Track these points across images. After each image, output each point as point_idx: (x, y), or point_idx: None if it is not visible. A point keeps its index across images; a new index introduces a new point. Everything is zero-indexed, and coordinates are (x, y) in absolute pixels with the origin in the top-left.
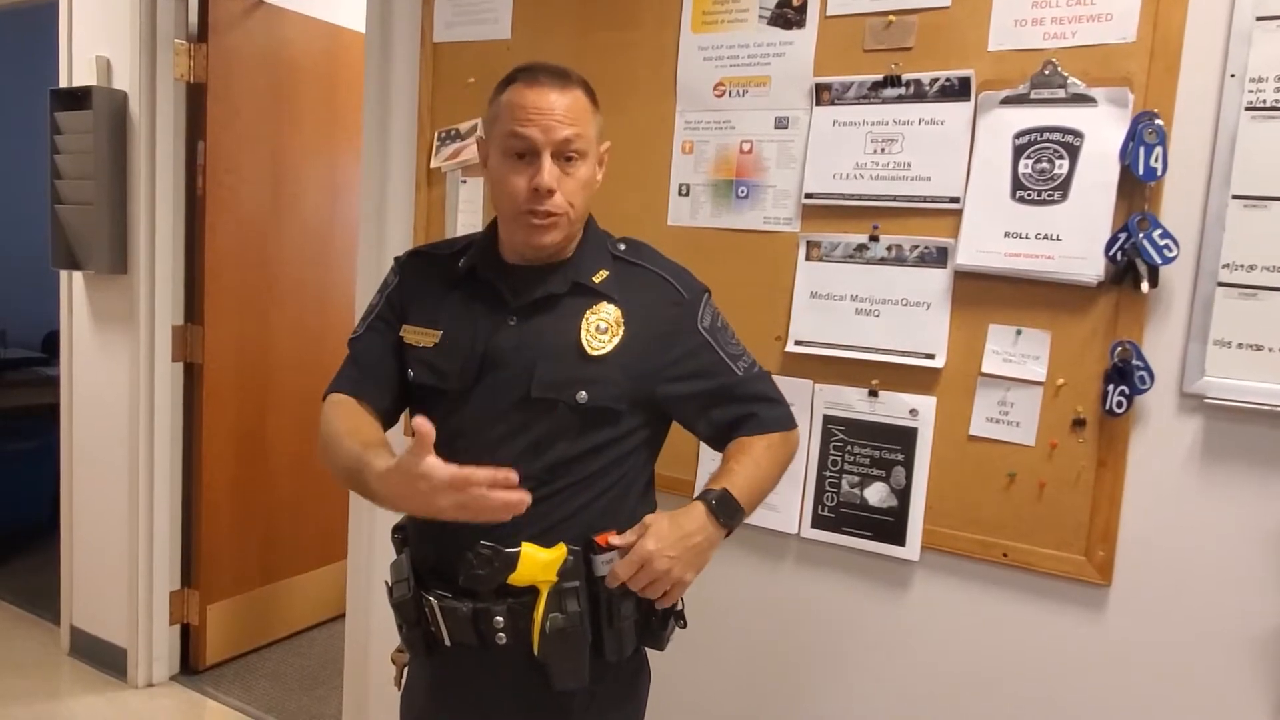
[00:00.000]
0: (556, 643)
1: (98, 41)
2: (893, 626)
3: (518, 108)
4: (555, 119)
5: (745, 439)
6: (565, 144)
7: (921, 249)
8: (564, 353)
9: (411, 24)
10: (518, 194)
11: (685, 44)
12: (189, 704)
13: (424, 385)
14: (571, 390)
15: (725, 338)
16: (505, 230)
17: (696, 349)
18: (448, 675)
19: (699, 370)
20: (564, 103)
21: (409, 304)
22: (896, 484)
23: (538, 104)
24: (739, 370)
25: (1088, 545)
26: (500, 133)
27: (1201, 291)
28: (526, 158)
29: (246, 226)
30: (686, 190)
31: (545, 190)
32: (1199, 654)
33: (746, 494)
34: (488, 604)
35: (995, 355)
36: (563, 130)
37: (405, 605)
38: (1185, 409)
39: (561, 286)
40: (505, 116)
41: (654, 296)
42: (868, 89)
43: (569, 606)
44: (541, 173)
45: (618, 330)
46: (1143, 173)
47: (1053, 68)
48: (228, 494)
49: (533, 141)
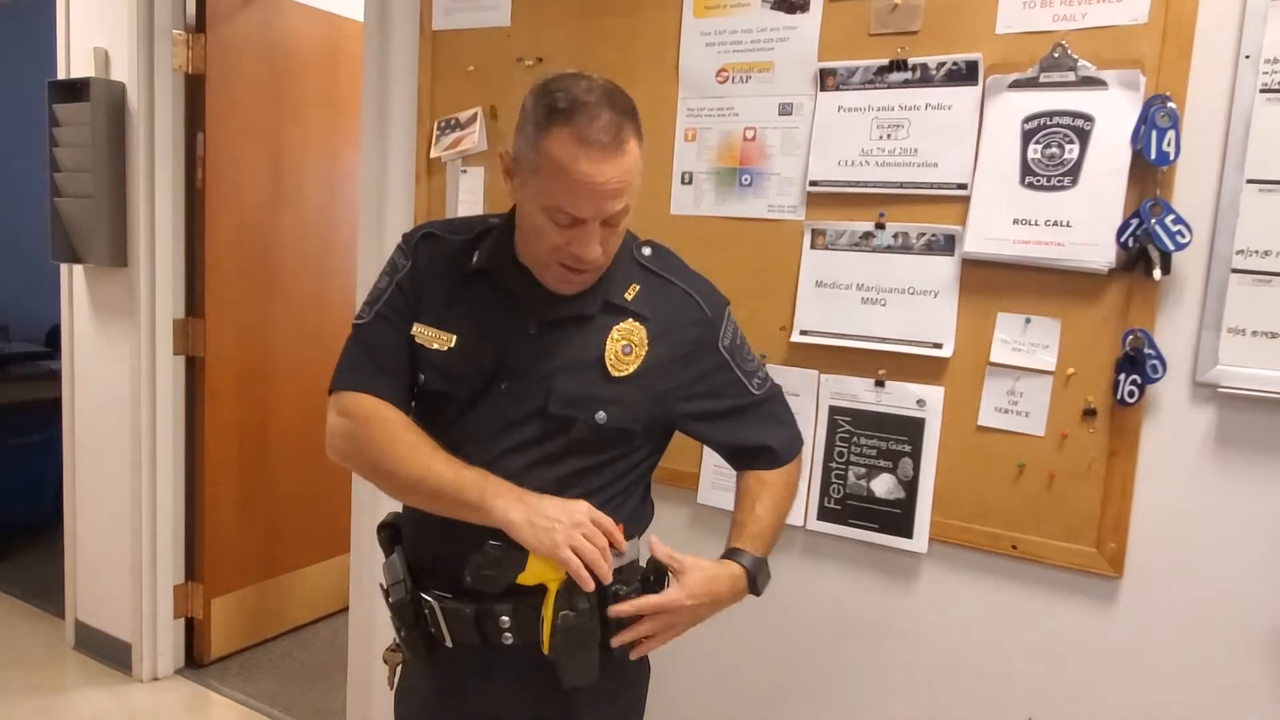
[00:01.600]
0: (568, 640)
1: (96, 33)
2: (900, 620)
3: (566, 177)
4: (610, 193)
5: (765, 475)
6: (615, 216)
7: (929, 236)
8: (586, 369)
9: (410, 12)
10: (555, 246)
11: (687, 29)
12: (193, 697)
13: (435, 391)
14: (591, 409)
15: (743, 355)
16: (530, 257)
17: (715, 368)
18: (451, 677)
19: (715, 390)
20: (619, 171)
21: (421, 296)
22: (904, 475)
23: (591, 180)
24: (754, 389)
25: (1098, 537)
26: (543, 194)
27: (1215, 278)
28: (571, 224)
29: (247, 218)
30: (689, 178)
31: (589, 260)
32: (1211, 647)
33: (773, 545)
34: (492, 604)
35: (1004, 344)
36: (616, 205)
37: (404, 607)
38: (1198, 398)
39: (593, 308)
40: (551, 179)
41: (679, 315)
42: (873, 74)
43: (579, 603)
44: (588, 245)
45: (642, 352)
46: (1155, 157)
47: (1062, 50)
48: (231, 487)
49: (581, 219)
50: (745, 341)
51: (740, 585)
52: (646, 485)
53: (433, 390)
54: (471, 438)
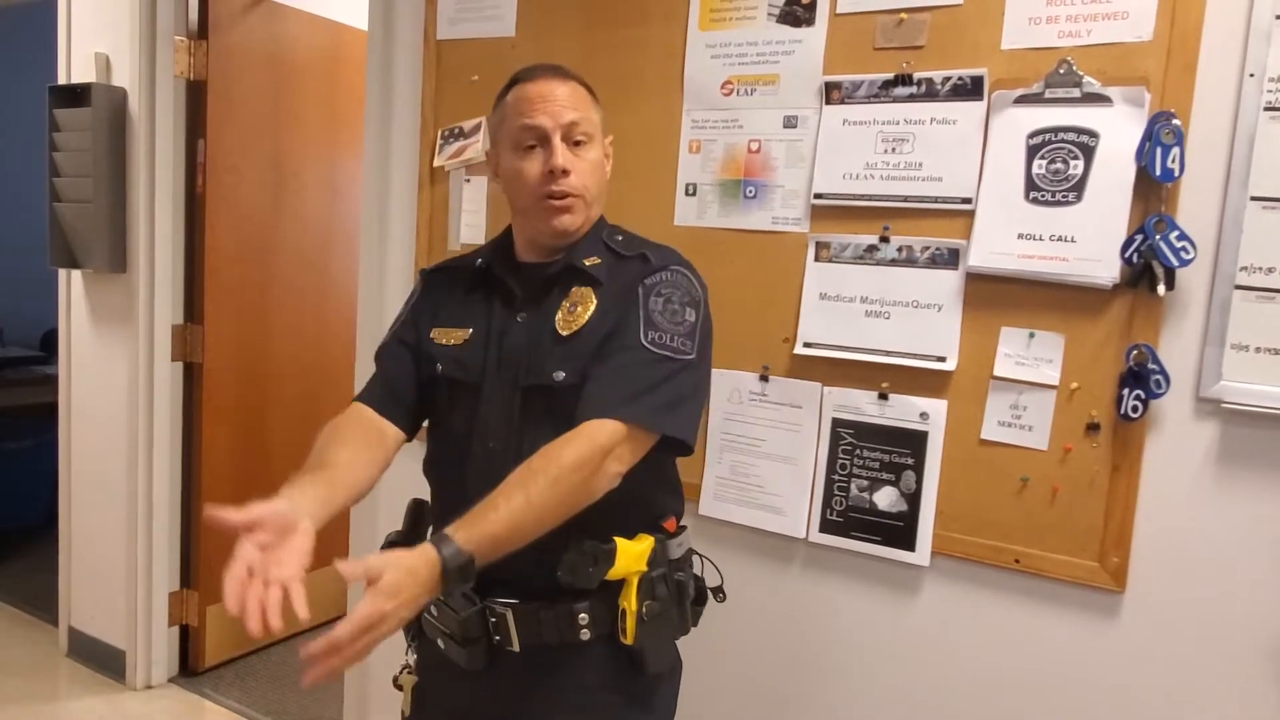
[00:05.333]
0: (653, 628)
1: (97, 38)
2: (902, 633)
3: (522, 101)
4: (560, 104)
5: (551, 452)
6: (572, 127)
7: (933, 250)
8: (544, 336)
9: (414, 21)
10: (534, 180)
11: (693, 42)
12: (188, 706)
13: (452, 379)
14: (548, 371)
15: (659, 305)
16: (524, 224)
17: (629, 304)
18: (514, 682)
19: (617, 321)
20: (565, 90)
21: (438, 308)
22: (906, 488)
23: (541, 93)
24: (644, 340)
25: (1101, 551)
26: (509, 130)
27: (1219, 294)
28: (537, 147)
29: (247, 225)
30: (694, 190)
31: (560, 170)
32: (1215, 662)
33: (503, 547)
34: (570, 603)
35: (1007, 358)
36: (569, 114)
37: (470, 622)
38: (1202, 413)
39: (556, 269)
40: (511, 114)
41: (631, 276)
42: (878, 88)
43: (659, 591)
44: (555, 154)
45: (590, 306)
46: (1159, 173)
47: (1068, 66)
48: (227, 494)
49: (542, 128)
50: (683, 308)
51: (432, 577)
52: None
53: (449, 377)
54: (488, 425)
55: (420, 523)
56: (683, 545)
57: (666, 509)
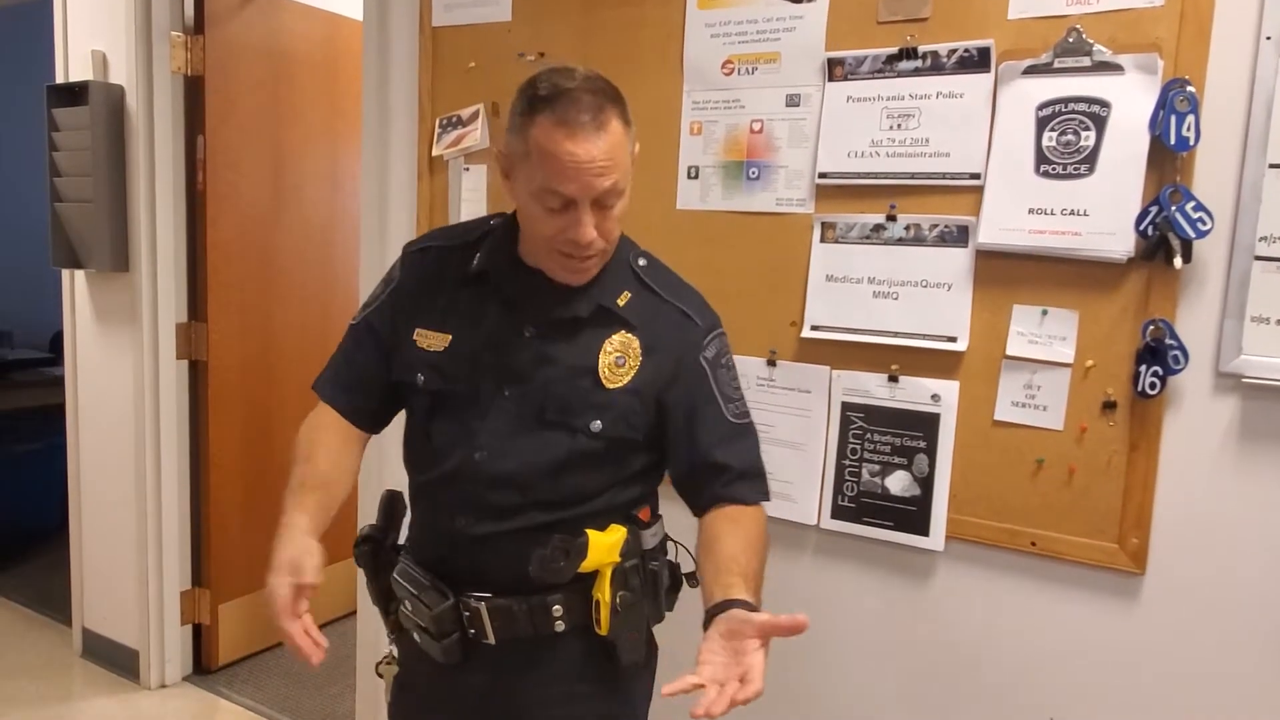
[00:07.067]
0: (627, 618)
1: (93, 35)
2: (916, 619)
3: (552, 158)
4: (596, 171)
5: (731, 513)
6: (606, 194)
7: (941, 228)
8: (581, 377)
9: (410, 9)
10: (553, 238)
11: (692, 20)
12: (202, 704)
13: (434, 390)
14: (586, 418)
15: (724, 378)
16: (533, 252)
17: (696, 380)
18: (490, 674)
19: (690, 390)
20: (603, 148)
21: (418, 304)
22: (919, 472)
23: (575, 157)
24: (728, 414)
25: (1120, 533)
26: (532, 179)
27: (1237, 266)
28: (561, 210)
29: (248, 221)
30: (695, 173)
31: (585, 243)
32: (1237, 644)
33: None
34: (544, 596)
35: (1020, 337)
36: (604, 182)
37: (444, 616)
38: (1221, 389)
39: (585, 310)
40: (538, 164)
41: (671, 331)
42: (882, 63)
43: (632, 582)
44: (581, 227)
45: (636, 364)
46: (1174, 143)
47: (1077, 35)
48: (237, 491)
49: (572, 199)
50: (733, 369)
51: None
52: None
53: (432, 390)
54: (486, 444)
55: (394, 516)
56: (657, 535)
57: (641, 499)
